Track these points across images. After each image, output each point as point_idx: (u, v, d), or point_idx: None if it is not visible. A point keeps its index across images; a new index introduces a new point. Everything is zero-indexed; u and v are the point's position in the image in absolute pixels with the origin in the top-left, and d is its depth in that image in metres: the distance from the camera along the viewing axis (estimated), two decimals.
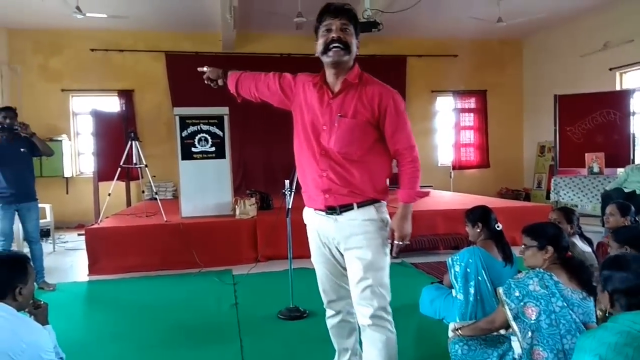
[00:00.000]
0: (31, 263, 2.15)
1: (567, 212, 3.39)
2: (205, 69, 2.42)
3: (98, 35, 8.85)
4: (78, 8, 6.64)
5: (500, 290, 2.16)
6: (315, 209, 2.11)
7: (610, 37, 8.16)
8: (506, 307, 2.11)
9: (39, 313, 2.21)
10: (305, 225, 2.23)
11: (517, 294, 2.09)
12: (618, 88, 8.18)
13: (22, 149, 4.44)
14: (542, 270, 2.13)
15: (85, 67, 8.93)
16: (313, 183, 2.06)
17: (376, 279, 1.99)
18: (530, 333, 2.04)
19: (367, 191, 2.01)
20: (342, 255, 2.10)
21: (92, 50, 8.93)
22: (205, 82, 2.44)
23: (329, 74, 2.04)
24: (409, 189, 2.03)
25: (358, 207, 2.01)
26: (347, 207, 2.01)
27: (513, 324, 2.09)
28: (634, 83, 8.07)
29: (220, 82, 2.40)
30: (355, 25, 2.00)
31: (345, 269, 2.11)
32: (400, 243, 2.02)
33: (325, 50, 1.96)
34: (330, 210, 2.03)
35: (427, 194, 2.14)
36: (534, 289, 2.05)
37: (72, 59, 8.93)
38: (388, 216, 2.06)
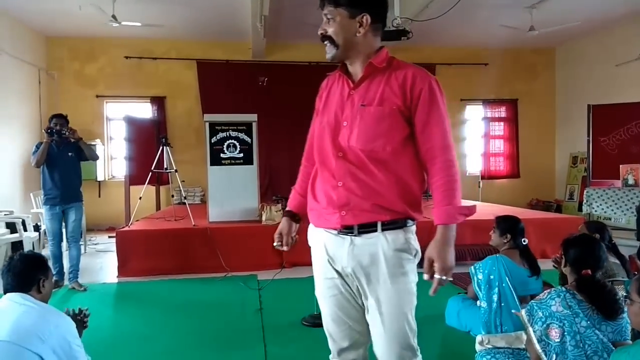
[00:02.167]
0: (50, 263, 2.32)
1: (598, 227, 3.31)
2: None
3: (132, 43, 9.08)
4: (114, 17, 6.84)
5: (523, 312, 2.08)
6: (325, 228, 1.68)
7: None
8: (530, 329, 2.04)
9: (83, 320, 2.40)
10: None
11: (540, 315, 2.00)
12: None
13: (70, 153, 4.69)
14: (564, 289, 2.05)
15: (119, 74, 9.18)
16: (326, 198, 1.65)
17: (405, 327, 1.60)
18: (554, 356, 1.95)
19: (395, 204, 1.57)
20: (358, 288, 1.65)
21: (127, 57, 9.17)
22: (282, 246, 1.90)
23: (350, 65, 1.69)
24: (447, 205, 1.56)
25: (383, 228, 1.57)
26: (368, 227, 1.57)
27: (537, 347, 1.99)
28: None
29: (294, 234, 1.89)
30: (349, 4, 1.60)
31: (362, 306, 1.66)
32: (444, 278, 1.52)
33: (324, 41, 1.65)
34: (346, 229, 1.60)
35: (473, 210, 1.63)
36: (556, 310, 1.96)
37: (107, 65, 9.19)
38: (418, 245, 1.65)
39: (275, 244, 1.88)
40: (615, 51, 8.62)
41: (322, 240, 1.69)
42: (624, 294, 2.30)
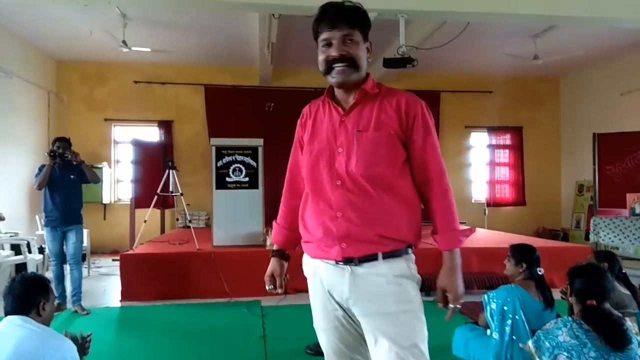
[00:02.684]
0: (52, 285, 2.31)
1: (607, 257, 3.26)
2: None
3: (141, 68, 9.23)
4: (124, 42, 6.97)
5: (530, 343, 2.05)
6: (323, 259, 1.61)
7: None
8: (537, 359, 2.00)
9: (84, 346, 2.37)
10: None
11: (547, 345, 1.97)
12: None
13: (72, 176, 4.73)
14: (571, 319, 2.02)
15: (128, 98, 9.30)
16: (322, 230, 1.57)
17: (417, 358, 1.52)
18: None
19: (401, 231, 1.54)
20: (359, 319, 1.59)
21: (136, 82, 9.30)
22: (275, 289, 1.84)
23: (338, 91, 1.65)
24: (451, 230, 1.57)
25: (384, 257, 1.53)
26: (369, 258, 1.53)
27: None
28: None
29: (285, 274, 1.84)
30: (363, 27, 1.59)
31: (363, 336, 1.59)
32: (458, 307, 1.55)
33: (328, 70, 1.58)
34: (347, 260, 1.55)
35: (472, 231, 1.68)
36: (563, 340, 1.93)
37: (116, 90, 9.32)
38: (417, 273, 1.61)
39: (268, 288, 1.80)
40: (620, 80, 8.67)
41: (319, 272, 1.63)
42: (637, 326, 2.26)
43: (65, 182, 4.69)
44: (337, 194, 1.55)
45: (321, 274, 1.62)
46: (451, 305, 1.55)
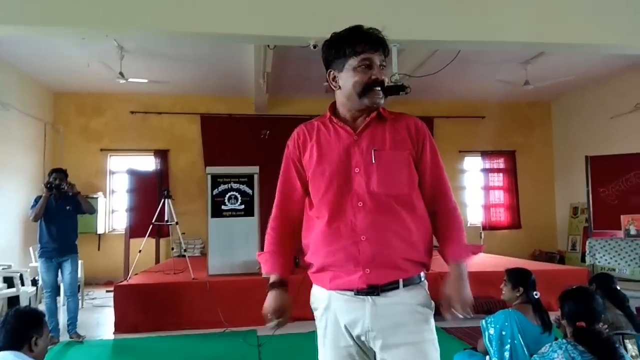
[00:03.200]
0: (46, 318, 2.28)
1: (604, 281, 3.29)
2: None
3: (138, 99, 9.31)
4: (121, 73, 7.06)
5: None
6: (340, 290, 1.53)
7: None
8: None
9: None
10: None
11: None
12: None
13: (67, 207, 4.78)
14: (565, 341, 2.03)
15: (124, 128, 9.35)
16: (344, 255, 1.51)
17: None
18: None
19: (420, 252, 1.55)
20: (374, 355, 1.54)
21: (132, 112, 9.37)
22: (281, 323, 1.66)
23: (349, 113, 1.63)
24: (460, 242, 1.59)
25: (404, 284, 1.51)
26: (391, 286, 1.50)
27: None
28: None
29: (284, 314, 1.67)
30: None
31: None
32: (468, 316, 1.51)
33: (366, 91, 1.55)
34: (369, 288, 1.49)
35: (481, 248, 1.72)
36: None
37: (113, 120, 9.38)
38: None
39: (272, 325, 1.63)
40: (610, 104, 8.81)
41: (333, 305, 1.55)
42: (637, 348, 2.25)
43: (61, 213, 4.73)
44: (361, 215, 1.50)
45: (336, 308, 1.54)
46: (460, 315, 1.50)
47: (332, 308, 1.55)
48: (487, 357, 3.01)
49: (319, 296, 1.60)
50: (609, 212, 7.40)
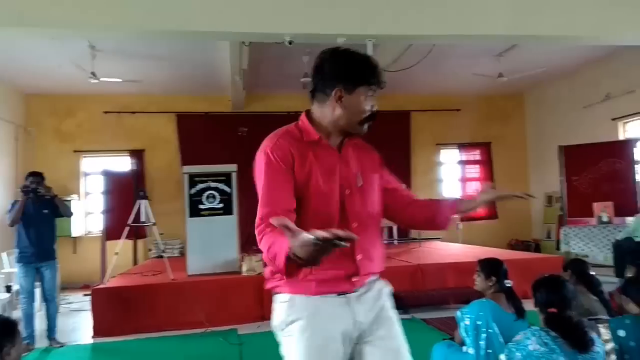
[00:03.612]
0: (20, 326, 2.29)
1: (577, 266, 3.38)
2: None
3: (111, 99, 9.15)
4: (93, 73, 6.92)
5: (502, 356, 2.10)
6: (329, 293, 1.56)
7: (612, 88, 8.30)
8: None
9: None
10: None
11: (518, 356, 2.03)
12: (621, 138, 8.23)
13: (45, 211, 4.74)
14: (538, 328, 2.09)
15: (97, 128, 9.18)
16: (345, 273, 1.57)
17: None
18: None
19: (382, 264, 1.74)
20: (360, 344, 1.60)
21: (106, 112, 9.21)
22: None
23: (334, 131, 1.65)
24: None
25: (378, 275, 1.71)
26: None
27: None
28: (637, 132, 8.14)
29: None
30: None
31: None
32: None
33: (366, 120, 1.64)
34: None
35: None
36: (534, 349, 1.99)
37: (86, 121, 9.20)
38: None
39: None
40: (582, 94, 9.00)
41: (325, 308, 1.54)
42: (610, 332, 2.32)
43: (39, 217, 4.70)
44: (356, 231, 1.50)
45: (328, 310, 1.55)
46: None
47: (327, 312, 1.55)
48: (464, 346, 3.06)
49: (305, 305, 1.55)
50: (582, 201, 7.57)
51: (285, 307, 1.58)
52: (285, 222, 1.22)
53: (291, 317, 1.56)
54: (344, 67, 1.62)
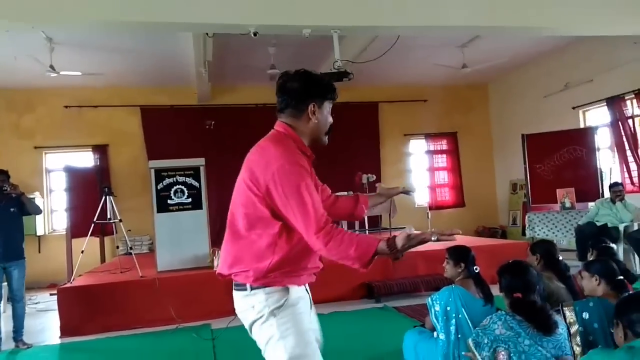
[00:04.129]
0: None
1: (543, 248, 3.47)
2: None
3: (72, 92, 8.87)
4: (52, 67, 6.69)
5: (470, 341, 2.16)
6: (306, 283, 1.92)
7: (571, 77, 8.56)
8: (478, 357, 2.10)
9: None
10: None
11: (485, 341, 2.09)
12: (582, 125, 8.51)
13: (11, 209, 4.65)
14: (504, 312, 2.15)
15: (58, 123, 8.90)
16: (318, 261, 1.91)
17: None
18: None
19: None
20: None
21: (66, 107, 8.93)
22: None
23: (310, 144, 1.91)
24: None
25: None
26: None
27: None
28: (596, 120, 8.42)
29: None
30: None
31: None
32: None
33: (328, 132, 1.93)
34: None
35: None
36: (500, 333, 2.06)
37: (46, 116, 8.91)
38: None
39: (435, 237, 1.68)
40: (543, 83, 9.25)
41: (305, 298, 1.89)
42: (574, 315, 2.39)
43: (6, 216, 4.61)
44: None
45: (305, 298, 1.90)
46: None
47: (307, 295, 1.93)
48: (435, 332, 3.12)
49: (299, 291, 1.85)
50: (545, 187, 7.81)
51: (280, 295, 1.79)
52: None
53: (288, 302, 1.79)
54: (315, 85, 1.88)
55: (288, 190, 1.68)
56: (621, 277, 2.53)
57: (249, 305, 1.85)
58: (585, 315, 2.34)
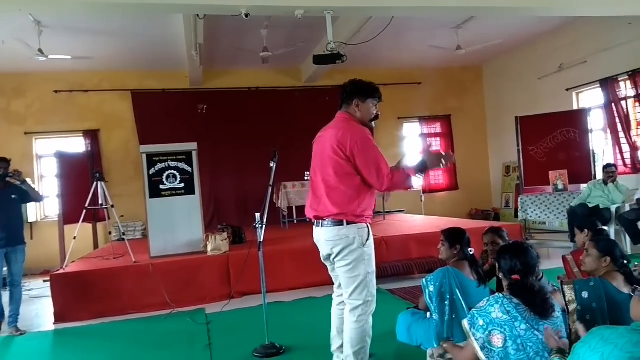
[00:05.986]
0: None
1: (498, 232, 3.53)
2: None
3: (62, 77, 8.74)
4: (41, 51, 6.57)
5: (465, 321, 2.15)
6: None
7: (565, 59, 8.52)
8: (472, 338, 2.09)
9: None
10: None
11: (481, 322, 2.07)
12: (575, 107, 8.50)
13: (13, 196, 4.67)
14: (501, 295, 2.14)
15: (49, 108, 8.79)
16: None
17: None
18: None
19: None
20: None
21: (56, 91, 8.81)
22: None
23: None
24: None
25: None
26: None
27: (481, 354, 2.06)
28: (590, 102, 8.41)
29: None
30: None
31: None
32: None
33: (374, 119, 2.81)
34: None
35: None
36: (496, 316, 2.04)
37: (36, 101, 8.79)
38: None
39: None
40: (537, 65, 9.20)
41: (370, 233, 2.73)
42: (573, 293, 2.38)
43: (7, 203, 4.63)
44: None
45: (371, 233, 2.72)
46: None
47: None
48: (428, 313, 3.14)
49: (369, 229, 2.70)
50: (538, 169, 7.82)
51: (367, 230, 2.67)
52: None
53: (369, 235, 2.69)
54: (358, 88, 2.80)
55: (367, 153, 2.59)
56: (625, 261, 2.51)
57: (344, 235, 2.59)
58: (585, 294, 2.33)
